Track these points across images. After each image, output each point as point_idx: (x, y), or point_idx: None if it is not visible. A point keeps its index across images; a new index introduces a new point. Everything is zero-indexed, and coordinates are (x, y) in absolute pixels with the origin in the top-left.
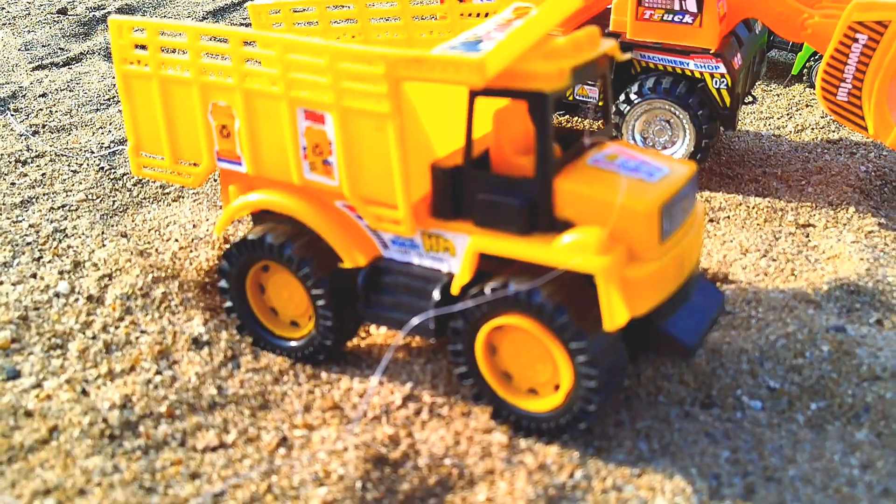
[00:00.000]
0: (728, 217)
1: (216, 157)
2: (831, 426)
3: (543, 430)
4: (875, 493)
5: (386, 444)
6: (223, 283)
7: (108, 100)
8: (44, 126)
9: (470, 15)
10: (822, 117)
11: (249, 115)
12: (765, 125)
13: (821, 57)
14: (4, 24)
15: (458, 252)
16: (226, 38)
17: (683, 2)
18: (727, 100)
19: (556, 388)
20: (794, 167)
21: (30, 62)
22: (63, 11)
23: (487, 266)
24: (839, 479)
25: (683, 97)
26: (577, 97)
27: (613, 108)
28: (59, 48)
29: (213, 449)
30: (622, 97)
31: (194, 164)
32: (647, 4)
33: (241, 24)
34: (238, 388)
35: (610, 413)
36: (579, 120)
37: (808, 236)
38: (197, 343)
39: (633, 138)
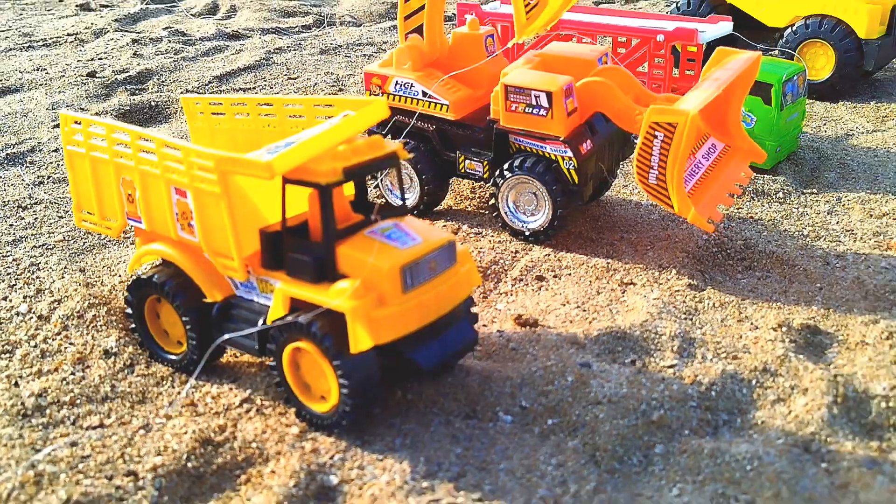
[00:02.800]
0: (569, 274)
1: (126, 216)
2: (555, 436)
3: (325, 425)
4: (554, 482)
5: (215, 431)
6: (128, 310)
7: None
8: (48, 177)
9: (322, 116)
10: None
11: (143, 188)
12: (645, 197)
13: None
14: (41, 85)
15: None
16: (127, 134)
17: (538, 98)
18: (575, 178)
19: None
20: (649, 234)
21: (52, 120)
22: (92, 74)
23: (303, 304)
24: (534, 472)
25: (541, 174)
26: (467, 170)
27: (492, 179)
28: (80, 108)
29: (94, 428)
30: (498, 172)
31: (113, 220)
32: (512, 99)
33: (240, 90)
34: (127, 387)
35: (385, 417)
36: (471, 185)
37: (623, 292)
38: (107, 353)
39: (508, 205)
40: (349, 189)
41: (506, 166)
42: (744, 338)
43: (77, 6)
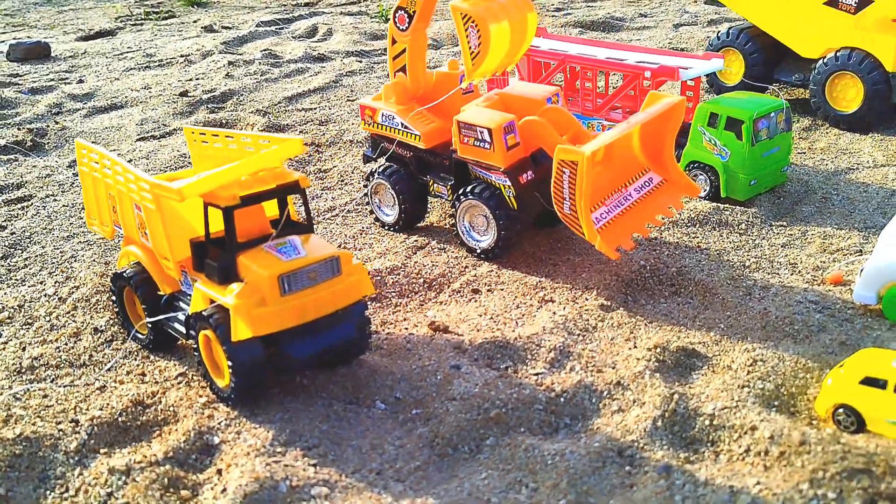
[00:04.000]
0: (501, 289)
1: (114, 223)
2: (411, 424)
3: (224, 398)
4: (388, 458)
5: (148, 395)
6: (113, 297)
7: (167, 168)
8: None
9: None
10: None
11: (119, 202)
12: None
13: (693, 165)
14: (140, 103)
15: None
16: (108, 160)
17: (482, 134)
18: (515, 204)
19: None
20: (592, 258)
21: (138, 135)
22: (184, 94)
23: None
24: (377, 449)
25: (488, 200)
26: (436, 192)
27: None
28: (164, 124)
29: (66, 386)
30: (456, 196)
31: (106, 226)
32: (464, 133)
33: (304, 110)
34: (101, 357)
35: (278, 397)
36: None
37: (538, 308)
38: (96, 330)
39: (464, 225)
40: (272, 209)
41: (461, 191)
42: (619, 355)
43: (202, 28)
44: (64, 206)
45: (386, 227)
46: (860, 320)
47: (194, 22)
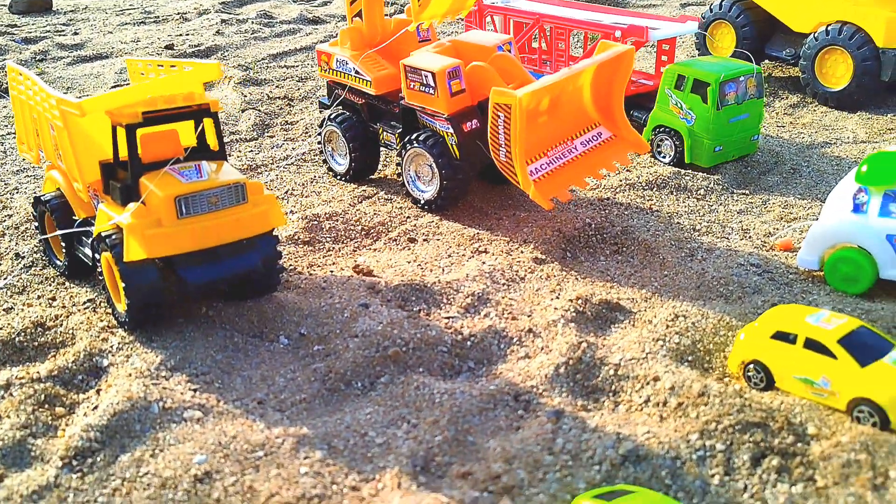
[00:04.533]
0: (438, 239)
1: (38, 149)
2: (310, 359)
3: (122, 322)
4: (274, 389)
5: (51, 318)
6: (35, 223)
7: None
8: None
9: None
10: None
11: (39, 124)
12: None
13: (659, 129)
14: (125, 54)
15: None
16: (29, 80)
17: (427, 78)
18: (457, 153)
19: None
20: (539, 213)
21: (114, 82)
22: (170, 47)
23: None
24: (267, 381)
25: (431, 148)
26: (386, 142)
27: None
28: None
29: None
30: (401, 144)
31: (33, 151)
32: (410, 78)
33: (287, 67)
34: (16, 281)
35: (180, 325)
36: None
37: (469, 258)
38: (18, 256)
39: (409, 175)
40: (190, 134)
41: (407, 139)
42: (539, 305)
43: None
44: None
45: (337, 177)
46: (800, 285)
47: None
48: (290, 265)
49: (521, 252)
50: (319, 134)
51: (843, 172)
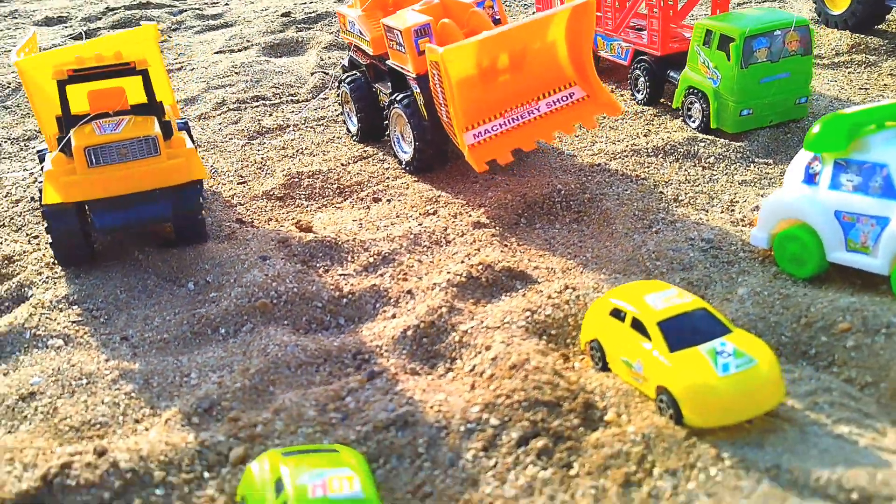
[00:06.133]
0: (400, 200)
1: None
2: (202, 304)
3: (54, 261)
4: (146, 327)
5: (16, 253)
6: None
7: (214, 78)
8: None
9: None
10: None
11: None
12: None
13: (689, 91)
14: (245, 21)
15: None
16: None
17: (398, 36)
18: (425, 115)
19: None
20: (514, 179)
21: (219, 48)
22: (286, 14)
23: None
24: (149, 319)
25: (406, 108)
26: (382, 102)
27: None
28: (247, 40)
29: None
30: (388, 104)
31: None
32: (388, 37)
33: None
34: (23, 218)
35: (105, 267)
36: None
37: (414, 218)
38: (32, 199)
39: (395, 135)
40: (138, 93)
41: (391, 100)
42: (439, 268)
43: None
44: None
45: (352, 138)
46: (744, 265)
47: None
48: (251, 218)
49: (469, 216)
50: (338, 95)
51: None
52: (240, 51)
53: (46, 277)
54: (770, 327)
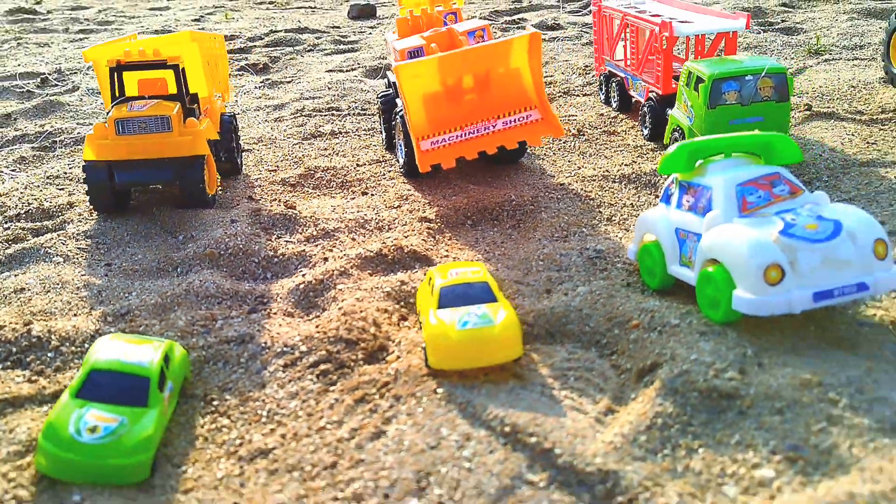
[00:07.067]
0: (381, 195)
1: None
2: (178, 250)
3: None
4: (129, 260)
5: (53, 203)
6: None
7: (329, 74)
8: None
9: None
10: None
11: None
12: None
13: (675, 129)
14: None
15: None
16: None
17: (398, 57)
18: None
19: None
20: (492, 186)
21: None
22: None
23: None
24: (137, 254)
25: (402, 118)
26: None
27: None
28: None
29: None
30: (393, 115)
31: None
32: (395, 57)
33: None
34: None
35: (133, 215)
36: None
37: (376, 209)
38: None
39: (399, 142)
40: (171, 83)
41: (394, 112)
42: (362, 247)
43: None
44: None
45: (385, 147)
46: (612, 272)
47: None
48: (260, 196)
49: (423, 213)
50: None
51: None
52: (347, 71)
53: (83, 218)
54: (581, 318)
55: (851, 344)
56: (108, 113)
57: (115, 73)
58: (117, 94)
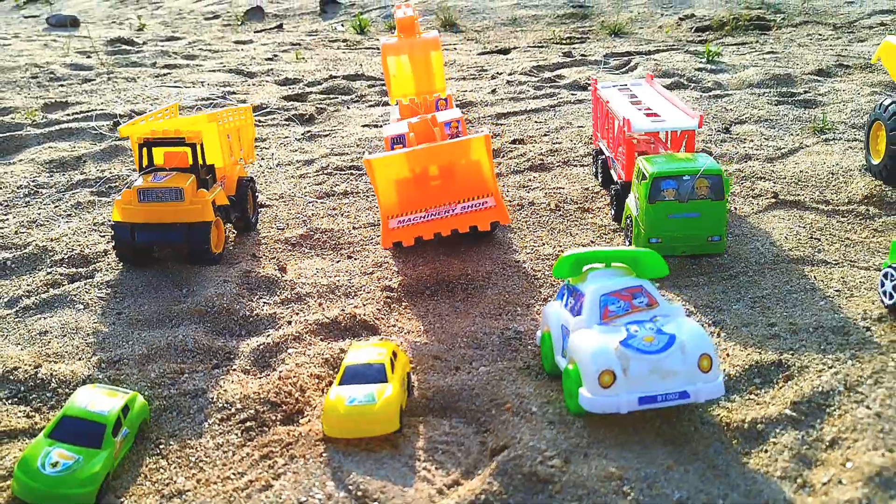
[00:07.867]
0: (361, 259)
1: None
2: (177, 302)
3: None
4: (136, 308)
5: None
6: None
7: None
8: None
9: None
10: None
11: None
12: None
13: (628, 218)
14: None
15: None
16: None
17: (383, 146)
18: None
19: None
20: (445, 263)
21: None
22: None
23: None
24: (145, 303)
25: None
26: None
27: None
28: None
29: None
30: None
31: None
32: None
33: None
34: None
35: (149, 267)
36: None
37: (349, 273)
38: None
39: None
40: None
41: None
42: (323, 312)
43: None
44: None
45: None
46: (519, 354)
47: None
48: (262, 255)
49: (389, 281)
50: None
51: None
52: (380, 126)
53: (111, 268)
54: (471, 397)
55: (685, 440)
56: (136, 181)
57: (143, 148)
58: (145, 164)
